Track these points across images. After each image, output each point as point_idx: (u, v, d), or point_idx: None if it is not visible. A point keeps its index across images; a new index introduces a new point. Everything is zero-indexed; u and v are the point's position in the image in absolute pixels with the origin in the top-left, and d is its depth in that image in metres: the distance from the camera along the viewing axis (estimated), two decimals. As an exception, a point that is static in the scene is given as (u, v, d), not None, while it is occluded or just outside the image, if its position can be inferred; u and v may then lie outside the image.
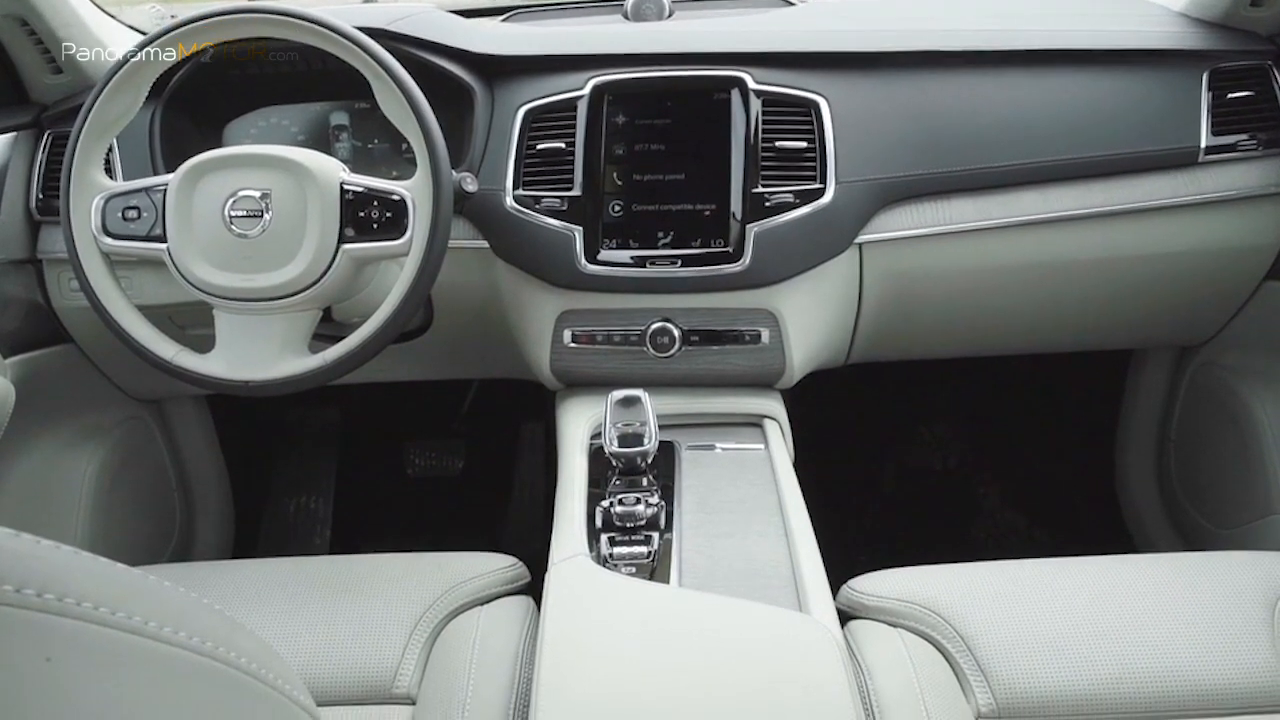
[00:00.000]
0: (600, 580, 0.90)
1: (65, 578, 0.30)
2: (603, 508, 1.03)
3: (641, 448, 1.03)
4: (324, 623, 1.05)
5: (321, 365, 1.09)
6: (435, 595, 1.08)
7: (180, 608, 0.35)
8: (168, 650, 0.33)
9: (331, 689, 1.00)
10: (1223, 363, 1.52)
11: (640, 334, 1.24)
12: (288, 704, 0.39)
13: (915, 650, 1.00)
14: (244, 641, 0.37)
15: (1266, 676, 0.96)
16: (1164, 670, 0.96)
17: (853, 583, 1.10)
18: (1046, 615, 1.01)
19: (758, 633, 0.80)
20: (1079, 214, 1.25)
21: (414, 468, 1.92)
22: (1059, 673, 0.96)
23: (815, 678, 0.75)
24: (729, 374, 1.26)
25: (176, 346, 1.12)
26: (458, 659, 1.01)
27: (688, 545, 1.00)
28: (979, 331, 1.42)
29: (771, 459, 1.15)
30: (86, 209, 1.09)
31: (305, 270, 1.06)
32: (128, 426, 1.54)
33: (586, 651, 0.78)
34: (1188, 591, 1.03)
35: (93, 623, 0.30)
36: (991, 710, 0.95)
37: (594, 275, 1.21)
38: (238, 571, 1.16)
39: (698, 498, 1.07)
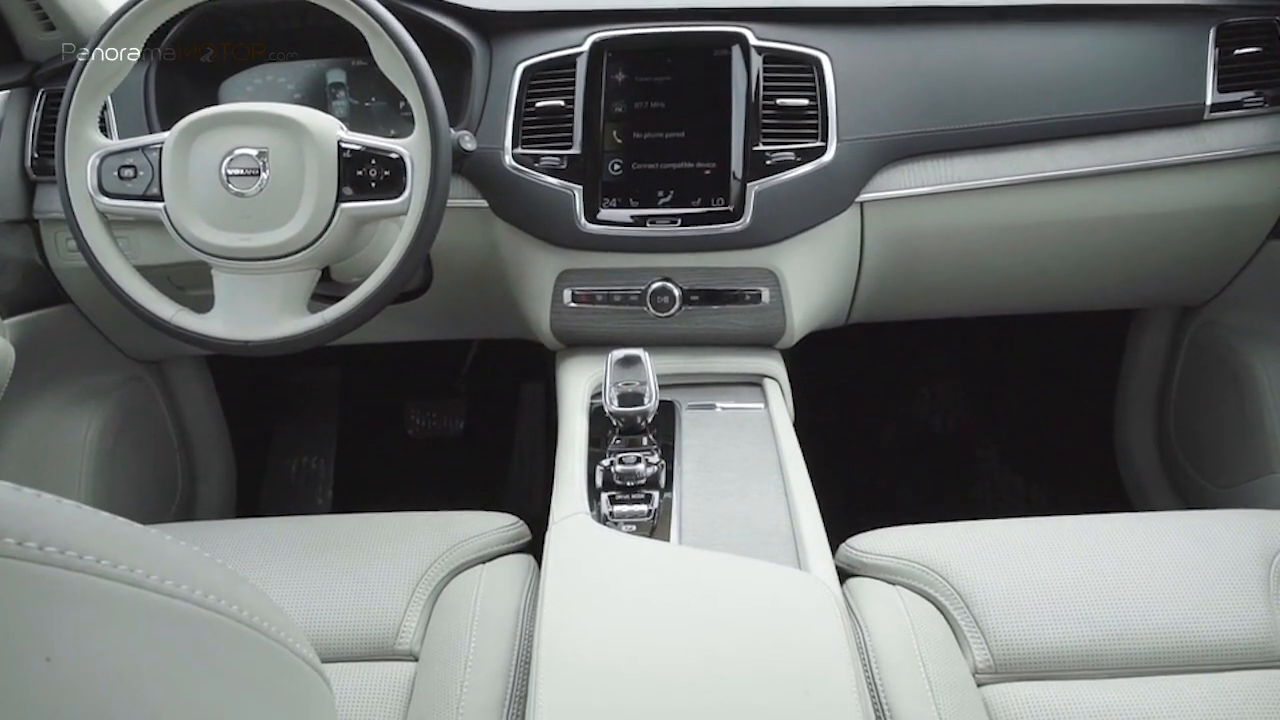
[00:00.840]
0: (601, 538, 0.90)
1: (67, 531, 0.30)
2: (603, 467, 1.04)
3: (641, 407, 1.03)
4: (326, 581, 1.06)
5: (321, 325, 1.09)
6: (437, 554, 1.09)
7: (182, 562, 0.35)
8: (170, 603, 0.33)
9: (335, 646, 1.01)
10: (1224, 322, 1.51)
11: (640, 293, 1.23)
12: (291, 657, 0.39)
13: (913, 607, 1.01)
14: (246, 595, 0.37)
15: (1262, 633, 0.96)
16: (1160, 626, 0.96)
17: (851, 541, 1.11)
18: (1044, 573, 1.02)
19: (757, 590, 0.81)
20: (1082, 172, 1.24)
21: (415, 428, 1.93)
22: (1055, 629, 0.97)
23: (814, 634, 0.75)
24: (729, 333, 1.26)
25: (175, 306, 1.12)
26: (460, 617, 1.02)
27: (688, 504, 1.00)
28: (980, 291, 1.42)
29: (771, 418, 1.15)
30: (82, 168, 1.09)
31: (303, 229, 1.06)
32: (128, 387, 1.54)
33: (587, 608, 0.79)
34: (1185, 549, 1.04)
35: (95, 576, 0.30)
36: (988, 666, 0.96)
37: (594, 234, 1.20)
38: (240, 530, 1.16)
39: (698, 457, 1.08)
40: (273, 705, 0.37)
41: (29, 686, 0.26)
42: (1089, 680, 0.94)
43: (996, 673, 0.96)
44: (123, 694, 0.29)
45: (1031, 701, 0.93)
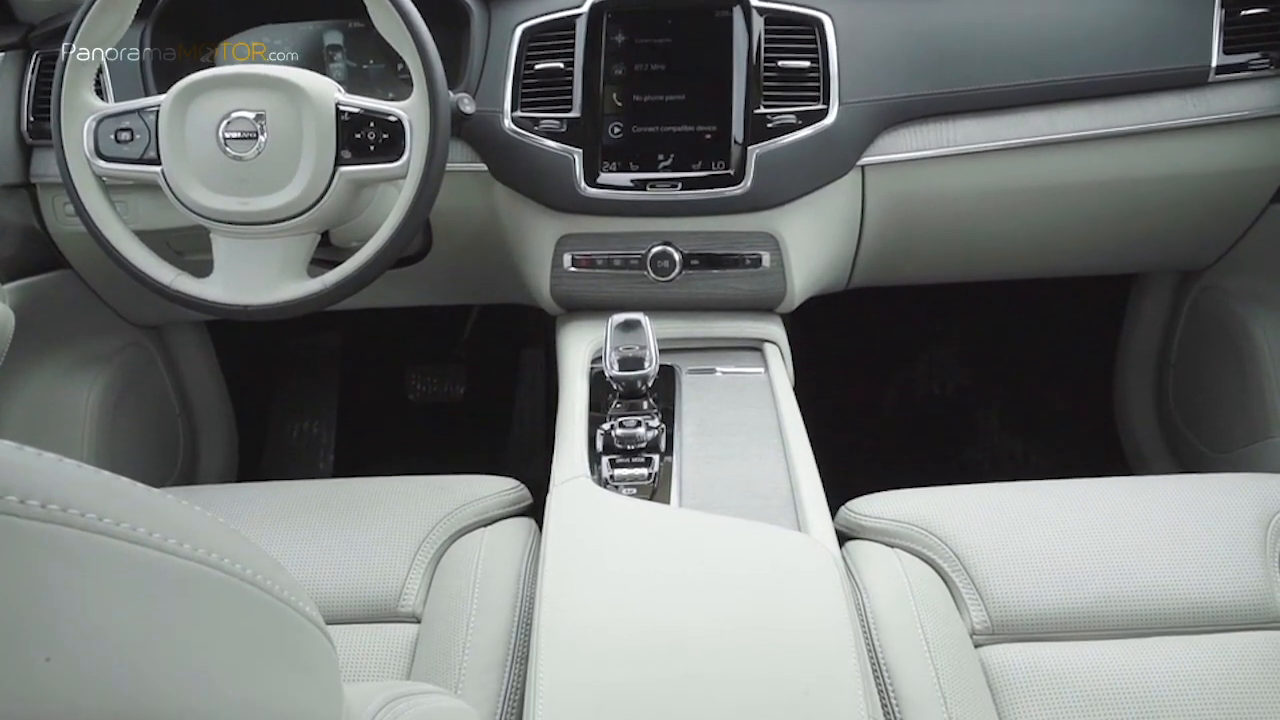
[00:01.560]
0: (601, 501, 0.91)
1: (69, 490, 0.30)
2: (603, 431, 1.04)
3: (642, 371, 1.03)
4: (329, 544, 1.06)
5: (321, 289, 1.08)
6: (438, 517, 1.09)
7: (184, 521, 0.35)
8: (172, 561, 0.33)
9: (337, 608, 1.02)
10: (1225, 287, 1.51)
11: (640, 258, 1.23)
12: (294, 615, 0.40)
13: (911, 570, 1.02)
14: (249, 554, 0.37)
15: (1258, 595, 0.97)
16: (1157, 588, 0.97)
17: (851, 504, 1.11)
18: (1042, 535, 1.02)
19: (757, 552, 0.81)
20: (1086, 135, 1.23)
21: (415, 393, 1.93)
22: (1053, 590, 0.98)
23: (814, 596, 0.76)
24: (729, 298, 1.26)
25: (174, 271, 1.11)
26: (461, 579, 1.03)
27: (688, 467, 1.00)
28: (982, 255, 1.41)
29: (771, 382, 1.15)
30: (78, 131, 1.08)
31: (302, 193, 1.05)
32: (128, 353, 1.54)
33: (588, 570, 0.79)
34: (1182, 512, 1.04)
35: (97, 534, 0.30)
36: (985, 627, 0.97)
37: (594, 198, 1.20)
38: (243, 494, 1.17)
39: (698, 421, 1.08)
40: (277, 662, 0.38)
41: (30, 645, 0.27)
42: (1086, 641, 0.95)
43: (994, 634, 0.97)
44: (125, 651, 0.29)
45: (1028, 662, 0.94)
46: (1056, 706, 0.90)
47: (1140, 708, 0.89)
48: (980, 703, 0.91)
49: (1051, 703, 0.90)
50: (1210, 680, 0.91)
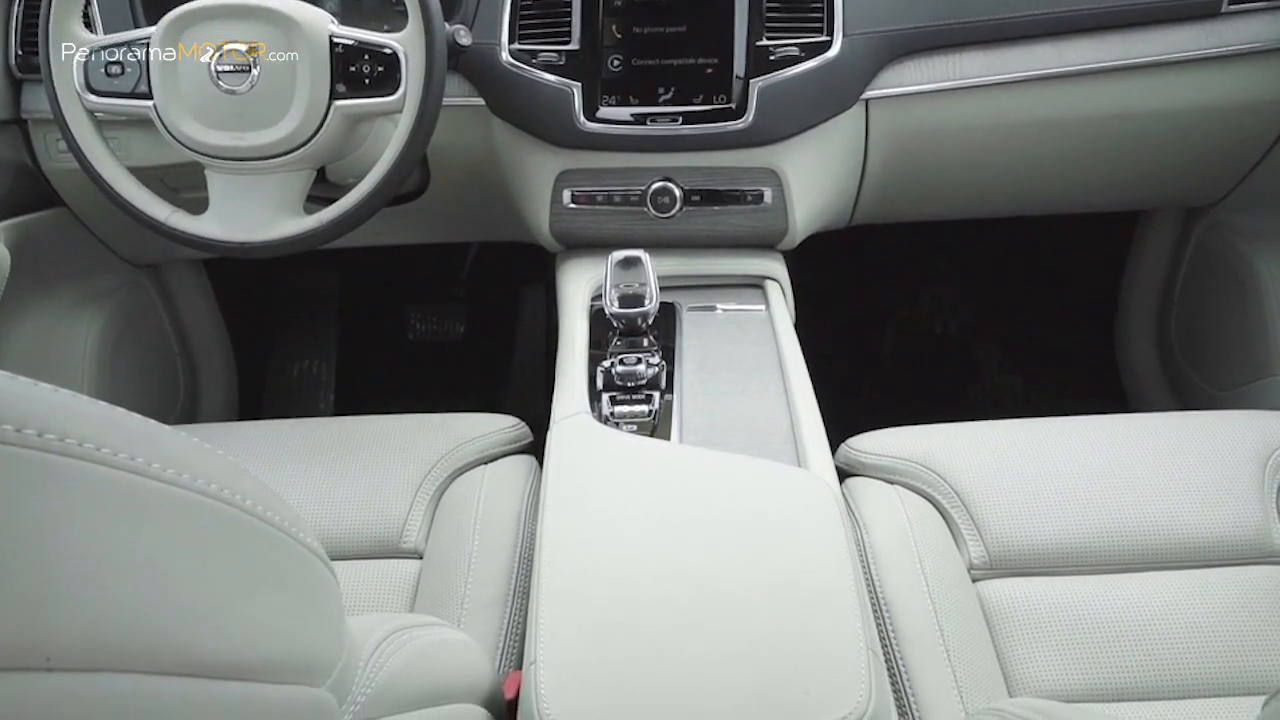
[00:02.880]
0: (601, 437, 0.91)
1: (66, 419, 0.30)
2: (603, 368, 1.04)
3: (642, 308, 1.03)
4: (330, 481, 1.07)
5: (318, 226, 1.07)
6: (439, 455, 1.10)
7: (183, 451, 0.35)
8: (172, 491, 0.33)
9: (340, 544, 1.02)
10: (1231, 224, 1.50)
11: (641, 194, 1.22)
12: (296, 546, 0.40)
13: (910, 506, 1.02)
14: (249, 485, 0.37)
15: (1254, 530, 0.98)
16: (1154, 523, 0.98)
17: (851, 441, 1.11)
18: (1041, 471, 1.03)
19: (757, 487, 0.81)
20: (1092, 68, 1.21)
21: (415, 332, 1.93)
22: (1050, 525, 0.98)
23: (814, 531, 0.76)
24: (730, 234, 1.24)
25: (170, 208, 1.10)
26: (463, 516, 1.03)
27: (688, 405, 1.00)
28: (987, 191, 1.40)
29: (772, 320, 1.15)
30: (68, 65, 1.06)
31: (297, 128, 1.04)
32: (126, 292, 1.53)
33: (588, 505, 0.80)
34: (1181, 448, 1.05)
35: (94, 463, 0.30)
36: (983, 562, 0.98)
37: (593, 133, 1.18)
38: (243, 432, 1.17)
39: (698, 358, 1.08)
40: (279, 592, 0.38)
41: (29, 574, 0.27)
42: (1083, 576, 0.96)
43: (991, 569, 0.98)
44: (124, 580, 0.29)
45: (1025, 596, 0.95)
46: (1052, 639, 0.91)
47: (1135, 640, 0.90)
48: (977, 636, 0.92)
49: (1047, 635, 0.91)
50: (1205, 614, 0.92)
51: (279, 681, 0.37)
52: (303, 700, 0.40)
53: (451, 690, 0.62)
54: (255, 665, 0.35)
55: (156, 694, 0.30)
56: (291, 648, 0.39)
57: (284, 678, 0.38)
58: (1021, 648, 0.91)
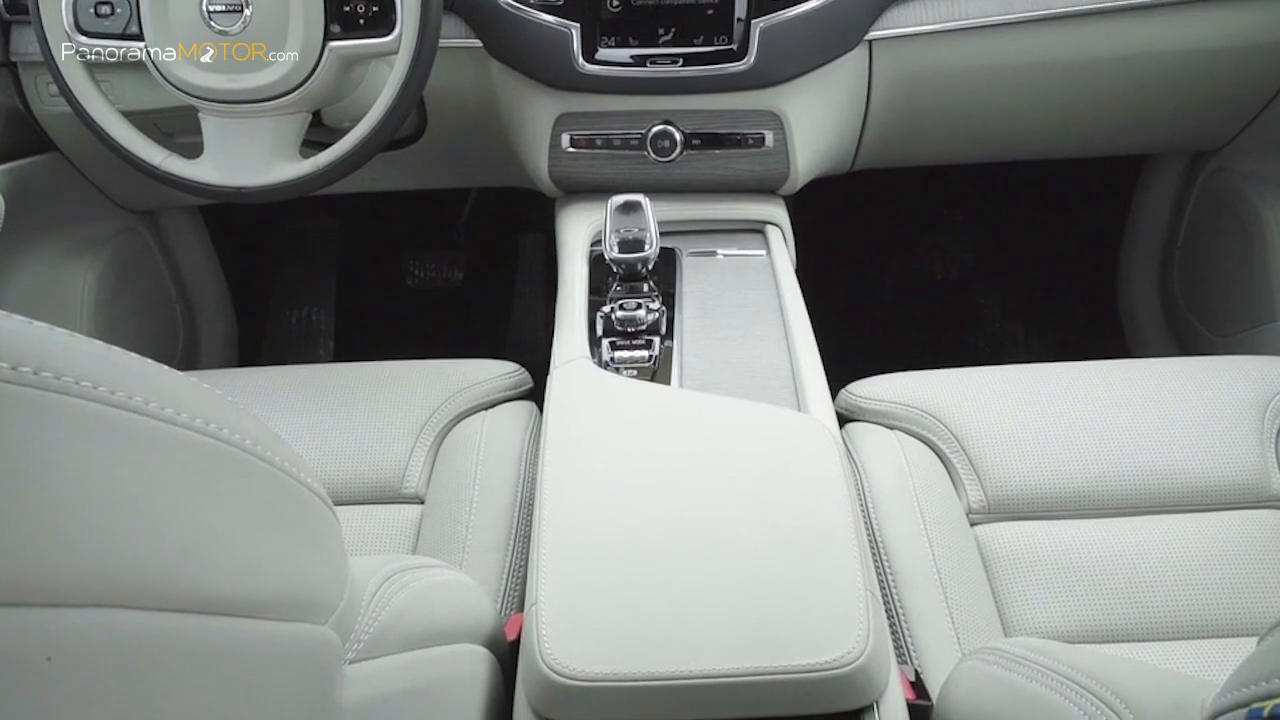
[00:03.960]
0: (602, 381, 0.91)
1: (62, 357, 0.29)
2: (603, 314, 1.03)
3: (642, 254, 1.02)
4: (331, 426, 1.07)
5: (314, 170, 1.06)
6: (440, 400, 1.10)
7: (181, 391, 0.34)
8: (171, 430, 0.32)
9: (342, 489, 1.03)
10: (1237, 168, 1.48)
11: (640, 137, 1.20)
12: (297, 486, 0.40)
13: (910, 450, 1.03)
14: (249, 426, 0.37)
15: (1252, 475, 0.98)
16: (1153, 468, 0.98)
17: (851, 387, 1.11)
18: (1040, 416, 1.03)
19: (757, 431, 0.82)
20: (1100, 8, 1.19)
21: (414, 279, 1.92)
22: (1049, 470, 0.99)
23: (813, 473, 0.76)
24: (731, 178, 1.23)
25: (164, 152, 1.09)
26: (463, 461, 1.04)
27: (688, 350, 1.00)
28: (991, 136, 1.38)
29: (773, 265, 1.14)
30: (56, 5, 1.04)
31: (291, 70, 1.03)
32: (122, 238, 1.52)
33: (589, 449, 0.80)
34: (1181, 393, 1.05)
35: (91, 401, 0.30)
36: (982, 506, 0.98)
37: (592, 75, 1.16)
38: (244, 378, 1.17)
39: (699, 303, 1.07)
40: (280, 530, 0.38)
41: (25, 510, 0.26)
42: (1080, 520, 0.97)
43: (990, 513, 0.98)
44: (121, 516, 0.29)
45: (1023, 539, 0.95)
46: (1049, 582, 0.92)
47: (1132, 583, 0.91)
48: (975, 579, 0.93)
49: (1045, 578, 0.92)
50: (1202, 557, 0.92)
51: (282, 619, 0.37)
52: (306, 637, 0.40)
53: (454, 630, 0.63)
54: (257, 602, 0.35)
55: (158, 629, 0.30)
56: (293, 585, 0.39)
57: (287, 615, 0.38)
58: (1018, 590, 0.92)
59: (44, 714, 0.27)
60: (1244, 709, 0.38)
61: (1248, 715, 0.38)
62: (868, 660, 0.62)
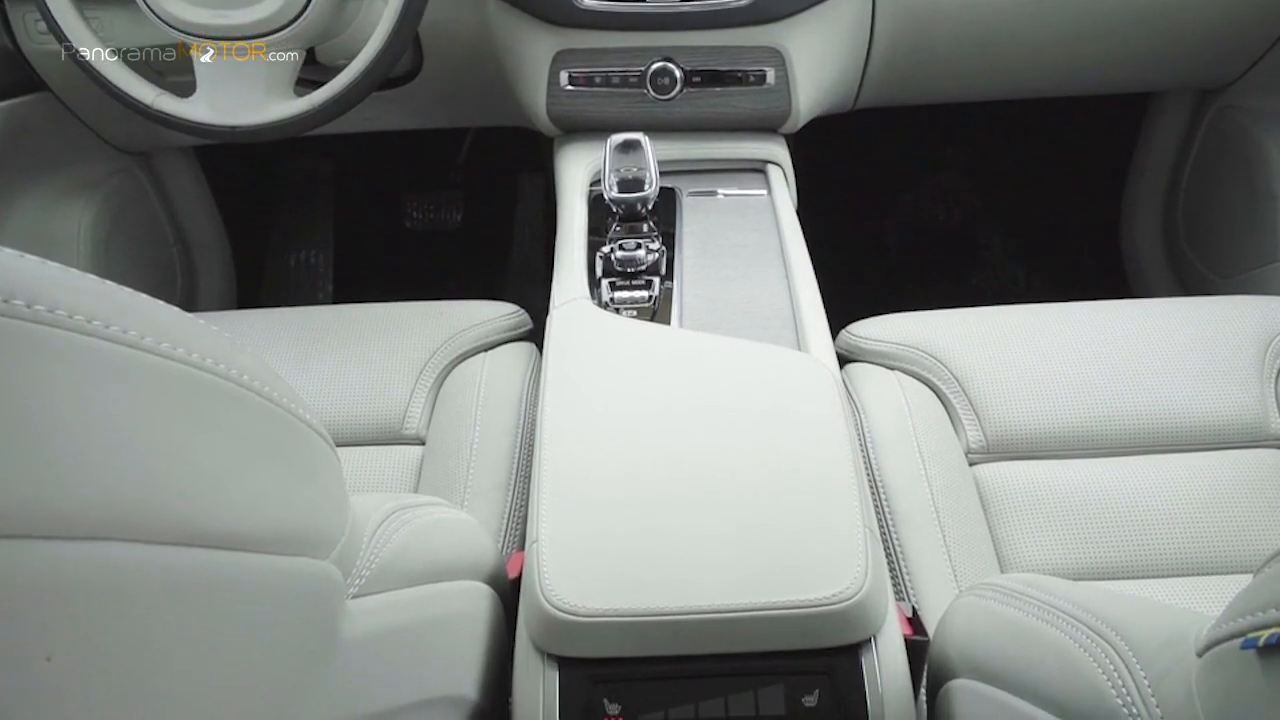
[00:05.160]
0: (601, 321, 0.90)
1: (55, 291, 0.29)
2: (603, 254, 1.03)
3: (641, 193, 1.01)
4: (331, 368, 1.07)
5: (309, 108, 1.05)
6: (439, 342, 1.10)
7: (178, 325, 0.34)
8: (167, 365, 0.32)
9: (342, 430, 1.03)
10: (1244, 106, 1.46)
11: (640, 75, 1.18)
12: (294, 421, 0.39)
13: (910, 391, 1.03)
14: (246, 361, 0.37)
15: (1252, 414, 0.98)
16: (1153, 407, 0.98)
17: (851, 327, 1.11)
18: (1040, 356, 1.03)
19: (757, 370, 0.81)
20: None
21: (412, 220, 1.90)
22: (1048, 410, 0.99)
23: (813, 413, 0.76)
24: (732, 117, 1.21)
25: (156, 90, 1.07)
26: (463, 402, 1.04)
27: (688, 290, 1.00)
28: (994, 71, 1.36)
29: (774, 204, 1.13)
30: (41, -63, 1.02)
31: (283, 5, 1.01)
32: (117, 180, 1.51)
33: (589, 389, 0.80)
34: (1182, 333, 1.04)
35: (85, 335, 0.29)
36: (981, 446, 0.99)
37: (591, 10, 1.14)
38: (243, 321, 1.17)
39: (699, 244, 1.07)
40: (279, 465, 0.38)
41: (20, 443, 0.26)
42: (1080, 459, 0.97)
43: (989, 452, 0.98)
44: (117, 450, 0.29)
45: (1021, 478, 0.96)
46: (1047, 521, 0.93)
47: (1129, 521, 0.91)
48: (973, 518, 0.94)
49: (1043, 517, 0.93)
50: (1200, 496, 0.93)
51: (283, 553, 0.37)
52: (308, 572, 0.40)
53: (456, 567, 0.63)
54: (256, 536, 0.35)
55: (157, 563, 0.31)
56: (293, 520, 0.39)
57: (287, 549, 0.38)
58: (1016, 529, 0.93)
59: (42, 646, 0.27)
60: (1239, 639, 0.39)
61: (1242, 645, 0.38)
62: (865, 596, 0.63)
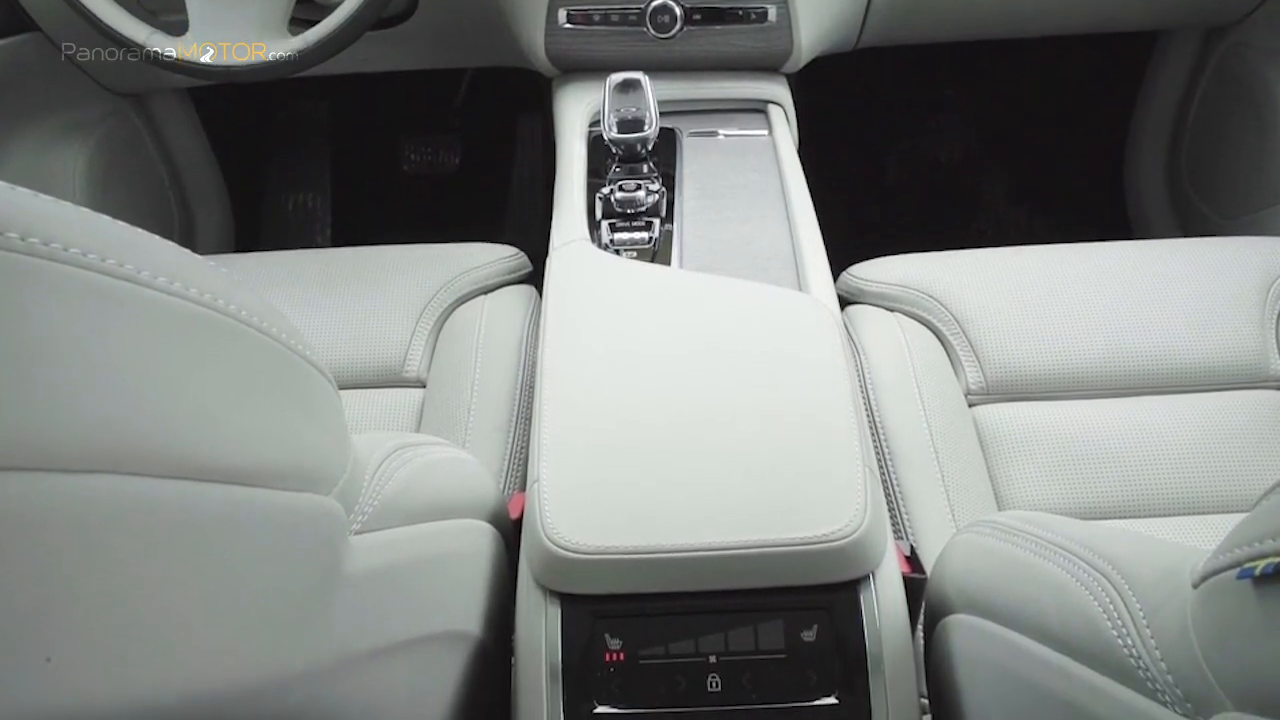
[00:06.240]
0: (601, 262, 0.90)
1: (50, 224, 0.29)
2: (602, 196, 1.02)
3: (641, 134, 1.00)
4: (331, 311, 1.07)
5: (304, 48, 1.03)
6: (439, 284, 1.09)
7: (175, 260, 0.34)
8: (165, 300, 0.32)
9: (343, 373, 1.03)
10: (1254, 44, 1.44)
11: (639, 12, 1.16)
12: (294, 357, 0.39)
13: (910, 332, 1.03)
14: (244, 297, 0.36)
15: (1252, 355, 0.98)
16: (1154, 349, 0.98)
17: (852, 269, 1.11)
18: (1040, 298, 1.02)
19: (758, 310, 0.81)
20: None
21: (409, 163, 1.89)
22: (1047, 351, 0.99)
23: (814, 352, 0.76)
24: (733, 56, 1.20)
25: (148, 29, 1.06)
26: (464, 345, 1.04)
27: (689, 231, 0.99)
28: (1000, 8, 1.33)
29: (775, 145, 1.12)
30: None
31: None
32: (111, 122, 1.49)
33: (589, 331, 0.79)
34: (1183, 274, 1.04)
35: (83, 269, 0.29)
36: (980, 387, 0.99)
37: (589, -54, 1.12)
38: (242, 264, 1.16)
39: (699, 184, 1.06)
40: (279, 401, 0.38)
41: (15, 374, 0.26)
42: (1079, 400, 0.97)
43: (988, 394, 0.99)
44: (113, 383, 0.29)
45: (1020, 419, 0.96)
46: (1046, 461, 0.93)
47: (1128, 462, 0.92)
48: (971, 458, 0.94)
49: (1041, 457, 0.93)
50: (1198, 436, 0.93)
51: (284, 488, 0.38)
52: (311, 507, 0.40)
53: (458, 505, 0.63)
54: (257, 470, 0.35)
55: (159, 496, 0.31)
56: (294, 455, 0.39)
57: (289, 484, 0.38)
58: (1015, 469, 0.93)
59: (42, 578, 0.27)
60: (1235, 569, 0.39)
61: (1239, 575, 0.38)
62: (864, 533, 0.63)
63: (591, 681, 0.63)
